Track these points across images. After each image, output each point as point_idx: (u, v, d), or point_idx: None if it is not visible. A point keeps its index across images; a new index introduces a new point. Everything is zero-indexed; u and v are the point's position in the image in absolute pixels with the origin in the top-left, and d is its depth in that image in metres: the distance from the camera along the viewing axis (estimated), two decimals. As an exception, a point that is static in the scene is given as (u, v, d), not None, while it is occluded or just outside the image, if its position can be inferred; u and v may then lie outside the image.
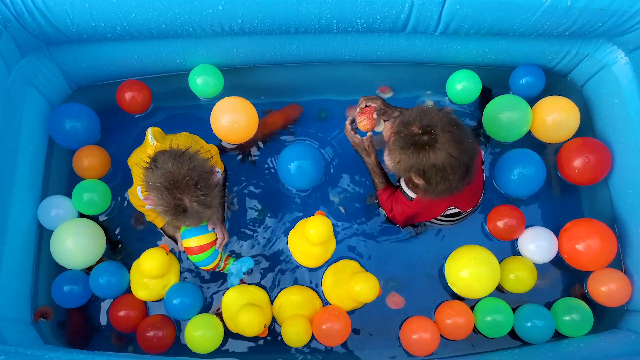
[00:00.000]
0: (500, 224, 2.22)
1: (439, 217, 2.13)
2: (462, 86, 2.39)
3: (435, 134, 1.69)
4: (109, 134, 2.45)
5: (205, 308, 2.24)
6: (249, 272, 2.25)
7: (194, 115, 2.49)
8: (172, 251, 2.26)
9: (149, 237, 2.33)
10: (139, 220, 2.35)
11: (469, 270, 2.06)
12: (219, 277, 2.28)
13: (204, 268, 2.17)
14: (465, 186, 1.83)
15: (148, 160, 1.85)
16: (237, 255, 2.29)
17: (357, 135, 2.11)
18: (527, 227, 2.26)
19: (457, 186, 1.79)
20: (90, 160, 2.29)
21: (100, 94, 2.49)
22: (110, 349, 2.20)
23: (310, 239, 2.06)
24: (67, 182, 2.38)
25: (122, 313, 2.15)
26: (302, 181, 2.31)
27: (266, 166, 2.43)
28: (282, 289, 2.23)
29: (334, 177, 2.42)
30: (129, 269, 2.23)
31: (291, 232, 2.24)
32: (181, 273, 2.27)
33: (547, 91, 2.42)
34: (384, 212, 2.30)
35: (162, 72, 2.48)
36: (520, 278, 2.16)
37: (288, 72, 2.54)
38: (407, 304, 2.25)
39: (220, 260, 2.17)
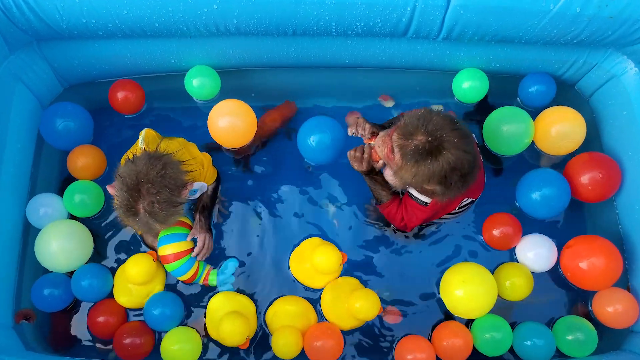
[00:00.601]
0: (496, 232, 2.15)
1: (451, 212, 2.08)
2: (469, 85, 2.32)
3: (445, 137, 1.64)
4: (102, 135, 2.38)
5: (186, 319, 2.16)
6: (235, 272, 2.17)
7: (189, 117, 2.42)
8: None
9: (136, 242, 2.25)
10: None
11: (463, 291, 2.00)
12: (206, 289, 2.20)
13: (180, 279, 2.10)
14: (478, 175, 1.79)
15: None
16: (216, 262, 2.20)
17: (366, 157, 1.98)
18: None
19: (473, 179, 1.76)
20: (84, 160, 2.21)
21: (93, 92, 2.43)
22: (95, 355, 2.12)
23: (319, 268, 2.03)
24: (57, 183, 2.31)
25: (101, 319, 2.07)
26: (322, 155, 2.22)
27: (263, 171, 2.36)
28: (276, 299, 2.16)
29: (329, 184, 2.34)
30: (114, 274, 2.15)
31: (294, 253, 2.19)
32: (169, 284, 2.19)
33: (554, 101, 2.34)
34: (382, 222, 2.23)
35: (156, 71, 2.41)
36: (517, 285, 2.08)
37: (286, 75, 2.47)
38: (403, 319, 2.16)
39: (197, 271, 2.10)
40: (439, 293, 2.17)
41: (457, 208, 2.04)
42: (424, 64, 2.37)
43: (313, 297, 2.16)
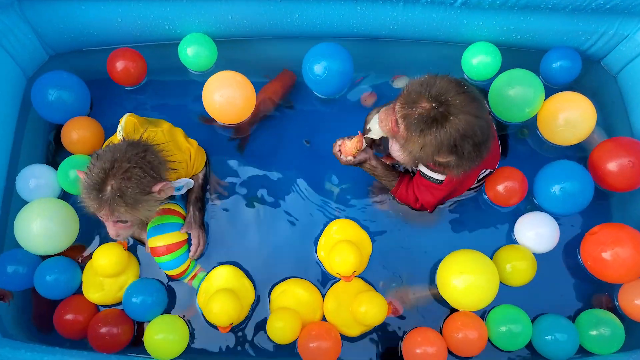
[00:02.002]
0: (500, 187, 1.97)
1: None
2: (479, 60, 2.13)
3: (451, 100, 1.50)
4: (93, 108, 2.21)
5: (170, 308, 1.99)
6: None
7: (183, 90, 2.25)
8: (131, 249, 2.01)
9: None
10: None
11: (462, 282, 1.82)
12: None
13: (169, 273, 1.94)
14: (492, 143, 1.66)
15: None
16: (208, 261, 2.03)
17: (349, 159, 1.85)
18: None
19: (487, 148, 1.60)
20: (80, 133, 2.02)
21: (81, 62, 2.25)
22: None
23: (336, 268, 1.86)
24: (46, 157, 2.14)
25: (69, 316, 1.88)
26: (329, 85, 2.10)
27: (261, 151, 2.18)
28: (287, 278, 1.99)
29: (335, 166, 2.14)
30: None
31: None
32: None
33: (577, 78, 2.17)
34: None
35: (148, 40, 2.23)
36: (518, 269, 1.91)
37: (289, 47, 2.29)
38: (409, 311, 1.99)
39: (188, 267, 1.95)
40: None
41: (475, 182, 1.89)
42: (439, 35, 2.19)
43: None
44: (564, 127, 2.01)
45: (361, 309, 1.83)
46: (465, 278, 1.82)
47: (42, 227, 1.87)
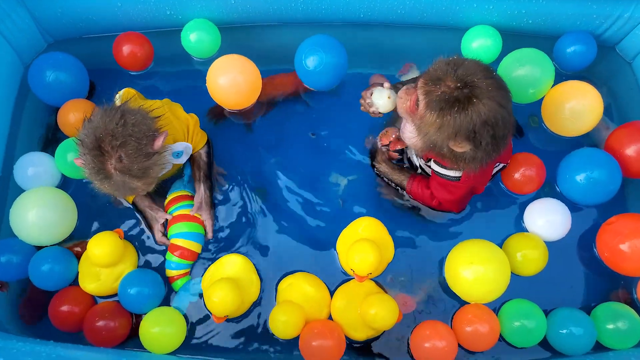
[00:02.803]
0: (517, 174, 1.90)
1: None
2: (479, 44, 2.05)
3: (477, 83, 1.42)
4: (93, 96, 2.14)
5: (168, 300, 1.91)
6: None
7: (186, 79, 2.18)
8: (129, 238, 1.95)
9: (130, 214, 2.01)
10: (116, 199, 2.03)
11: (472, 273, 1.75)
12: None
13: (170, 273, 1.89)
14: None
15: None
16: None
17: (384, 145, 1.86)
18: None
19: (505, 144, 1.52)
20: (77, 115, 1.95)
21: (81, 50, 2.16)
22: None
23: (352, 265, 1.78)
24: (44, 143, 2.08)
25: (65, 308, 1.80)
26: (323, 79, 2.02)
27: (266, 140, 2.11)
28: (297, 272, 1.92)
29: (344, 158, 2.09)
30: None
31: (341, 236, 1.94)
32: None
33: (590, 65, 2.10)
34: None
35: (150, 26, 2.17)
36: (529, 258, 1.84)
37: (294, 33, 2.21)
38: (418, 306, 1.91)
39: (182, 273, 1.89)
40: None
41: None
42: (447, 20, 2.13)
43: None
44: (569, 118, 1.94)
45: (371, 311, 1.74)
46: (474, 269, 1.75)
47: (38, 216, 1.81)
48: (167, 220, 1.91)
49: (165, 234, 1.91)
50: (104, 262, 1.80)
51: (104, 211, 1.99)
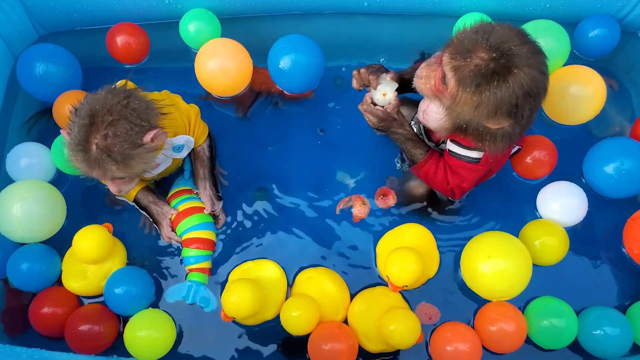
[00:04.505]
0: (528, 159, 1.78)
1: None
2: None
3: (515, 52, 1.25)
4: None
5: (158, 302, 1.78)
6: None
7: (185, 73, 2.05)
8: (118, 235, 1.81)
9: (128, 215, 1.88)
10: (114, 199, 1.90)
11: (490, 267, 1.61)
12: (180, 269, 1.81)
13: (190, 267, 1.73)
14: None
15: None
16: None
17: (379, 107, 1.59)
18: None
19: (536, 113, 1.37)
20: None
21: (75, 43, 2.07)
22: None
23: (389, 272, 1.64)
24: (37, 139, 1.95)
25: (46, 310, 1.66)
26: (297, 80, 1.90)
27: (267, 135, 1.99)
28: (316, 266, 1.80)
29: (352, 157, 1.97)
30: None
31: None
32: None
33: (611, 52, 1.99)
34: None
35: (148, 18, 2.07)
36: (548, 245, 1.69)
37: (297, 24, 2.13)
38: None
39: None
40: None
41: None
42: (461, 8, 2.02)
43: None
44: (570, 104, 1.82)
45: (391, 326, 1.57)
46: (493, 262, 1.60)
47: (23, 211, 1.67)
48: (172, 217, 1.77)
49: (173, 230, 1.78)
50: (91, 258, 1.66)
51: (98, 212, 1.87)
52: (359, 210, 1.84)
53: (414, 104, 1.95)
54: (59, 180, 1.89)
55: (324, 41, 2.08)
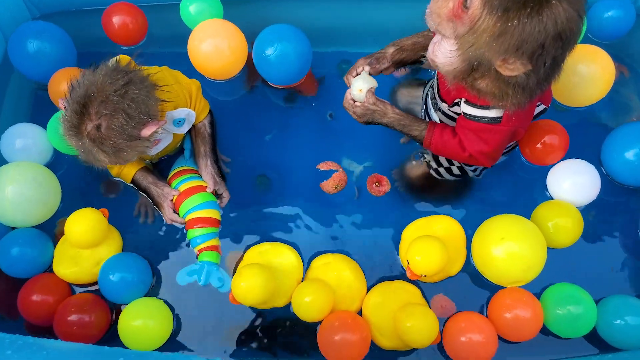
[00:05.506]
0: (539, 145, 1.70)
1: None
2: None
3: None
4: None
5: (155, 291, 1.70)
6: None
7: (184, 56, 1.97)
8: (113, 221, 1.73)
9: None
10: (110, 187, 1.83)
11: (504, 250, 1.54)
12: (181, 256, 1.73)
13: (199, 247, 1.64)
14: None
15: None
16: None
17: (357, 103, 1.52)
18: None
19: (560, 68, 1.20)
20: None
21: (71, 25, 1.98)
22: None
23: (410, 258, 1.56)
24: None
25: (36, 297, 1.58)
26: (285, 72, 1.82)
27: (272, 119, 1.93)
28: (334, 252, 1.73)
29: (358, 144, 1.90)
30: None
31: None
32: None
33: (624, 36, 1.93)
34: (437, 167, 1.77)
35: (148, 0, 2.00)
36: (562, 226, 1.61)
37: (302, 6, 2.06)
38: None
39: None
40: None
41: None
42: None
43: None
44: (577, 83, 1.74)
45: (407, 323, 1.49)
46: (507, 245, 1.53)
47: (15, 193, 1.60)
48: (174, 198, 1.69)
49: (175, 212, 1.69)
50: (84, 242, 1.59)
51: (95, 197, 1.80)
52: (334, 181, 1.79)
53: (416, 83, 1.91)
54: (56, 163, 1.82)
55: (332, 25, 2.06)
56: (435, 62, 1.27)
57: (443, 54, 1.23)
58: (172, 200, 1.66)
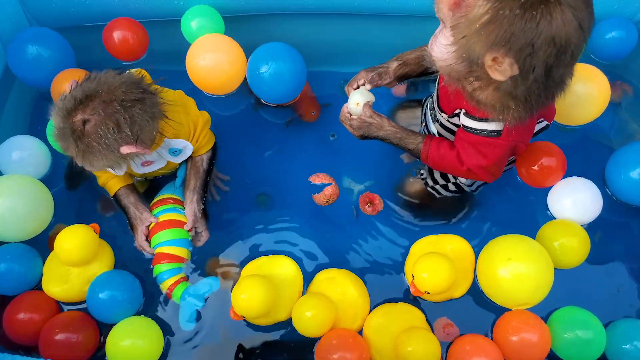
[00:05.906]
0: (535, 167, 1.66)
1: None
2: None
3: None
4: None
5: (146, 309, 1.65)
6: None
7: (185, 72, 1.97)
8: (105, 237, 1.68)
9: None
10: (106, 204, 1.80)
11: (509, 272, 1.49)
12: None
13: (166, 284, 1.60)
14: None
15: None
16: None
17: (354, 117, 1.51)
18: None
19: (563, 85, 1.16)
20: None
21: (73, 41, 1.96)
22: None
23: (416, 273, 1.52)
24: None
25: (22, 316, 1.52)
26: (278, 90, 1.81)
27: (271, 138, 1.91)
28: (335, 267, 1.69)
29: (359, 163, 1.88)
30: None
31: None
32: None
33: (625, 58, 1.94)
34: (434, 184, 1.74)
35: (148, 15, 1.99)
36: (568, 246, 1.57)
37: (305, 25, 2.07)
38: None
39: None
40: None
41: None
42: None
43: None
44: (572, 103, 1.73)
45: (408, 347, 1.45)
46: (513, 266, 1.48)
47: (4, 207, 1.55)
48: (151, 225, 1.65)
49: (147, 239, 1.65)
50: (75, 259, 1.54)
51: (90, 215, 1.77)
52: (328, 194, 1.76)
53: (415, 104, 1.91)
54: (52, 179, 1.79)
55: (334, 43, 2.05)
56: (432, 56, 1.26)
57: (439, 47, 1.21)
58: (147, 226, 1.63)
